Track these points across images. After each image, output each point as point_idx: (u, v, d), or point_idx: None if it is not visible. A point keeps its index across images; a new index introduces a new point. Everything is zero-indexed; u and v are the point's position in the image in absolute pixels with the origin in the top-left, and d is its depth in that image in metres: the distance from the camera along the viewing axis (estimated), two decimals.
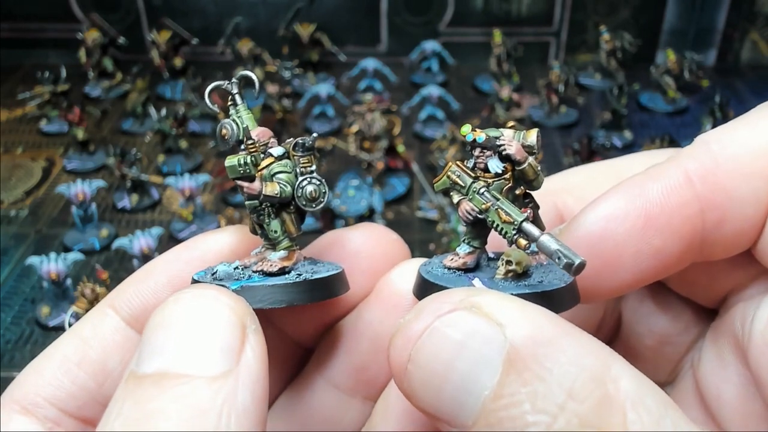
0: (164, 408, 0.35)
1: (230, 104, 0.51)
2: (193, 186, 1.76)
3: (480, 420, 0.36)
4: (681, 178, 0.47)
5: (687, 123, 2.24)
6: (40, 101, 2.14)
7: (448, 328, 0.38)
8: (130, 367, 0.39)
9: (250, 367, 0.38)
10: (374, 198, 1.83)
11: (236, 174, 0.48)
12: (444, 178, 0.48)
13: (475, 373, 0.36)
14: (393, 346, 0.40)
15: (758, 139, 0.47)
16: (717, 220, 0.47)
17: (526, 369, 0.36)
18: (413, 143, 2.12)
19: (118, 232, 1.77)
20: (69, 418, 0.47)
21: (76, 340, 0.49)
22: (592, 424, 0.34)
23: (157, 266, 0.51)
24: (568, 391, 0.35)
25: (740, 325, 0.49)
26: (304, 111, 2.24)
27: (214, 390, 0.36)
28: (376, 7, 2.50)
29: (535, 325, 0.37)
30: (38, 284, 1.59)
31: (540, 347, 0.36)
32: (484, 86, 2.41)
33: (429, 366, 0.38)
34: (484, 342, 0.37)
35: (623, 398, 0.35)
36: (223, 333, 0.38)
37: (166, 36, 2.41)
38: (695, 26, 2.53)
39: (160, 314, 0.40)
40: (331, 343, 0.54)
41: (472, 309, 0.38)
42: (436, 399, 0.38)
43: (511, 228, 0.45)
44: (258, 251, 0.51)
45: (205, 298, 0.40)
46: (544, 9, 2.50)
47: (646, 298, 0.58)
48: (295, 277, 0.48)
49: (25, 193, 1.96)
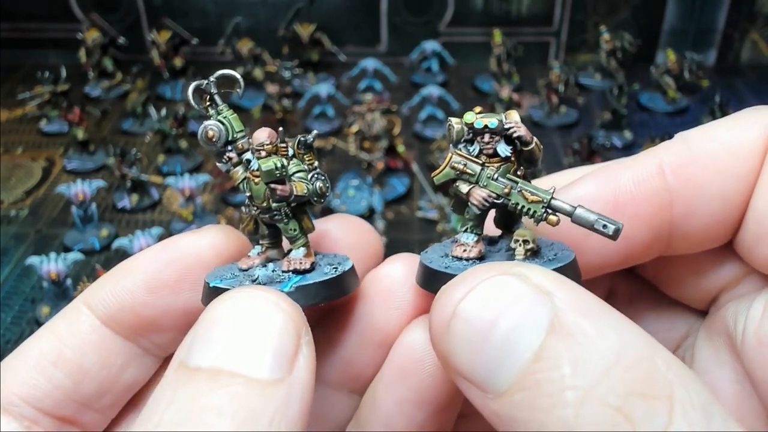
0: (219, 405, 0.35)
1: (209, 105, 0.50)
2: (193, 186, 1.76)
3: (517, 383, 0.35)
4: (653, 168, 0.49)
5: (687, 123, 2.24)
6: (40, 101, 2.15)
7: (496, 288, 0.38)
8: (179, 356, 0.39)
9: (302, 378, 0.38)
10: (374, 198, 1.83)
11: (273, 177, 0.47)
12: (446, 170, 0.47)
13: (518, 335, 0.36)
14: (437, 304, 0.40)
15: (734, 138, 0.48)
16: (685, 213, 0.48)
17: (570, 336, 0.35)
18: (413, 143, 2.12)
19: (118, 232, 1.77)
20: (46, 417, 0.47)
21: (51, 337, 0.48)
22: (636, 392, 0.33)
23: (134, 266, 0.50)
24: (613, 359, 0.34)
25: (733, 324, 0.50)
26: (304, 111, 2.24)
27: (268, 395, 0.36)
28: (376, 7, 2.50)
29: (583, 299, 0.37)
30: (38, 284, 1.59)
31: (586, 318, 0.36)
32: (484, 86, 2.41)
33: (473, 323, 0.38)
34: (532, 305, 0.37)
35: (672, 375, 0.34)
36: (280, 339, 0.38)
37: (166, 36, 2.42)
38: (695, 26, 2.53)
39: (218, 309, 0.40)
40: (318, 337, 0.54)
41: (521, 276, 0.38)
42: (474, 359, 0.38)
43: (539, 206, 0.45)
44: (259, 251, 0.51)
45: (266, 301, 0.40)
46: (544, 9, 2.50)
47: (635, 300, 0.58)
48: (333, 271, 0.48)
49: (25, 193, 1.96)
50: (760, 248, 0.47)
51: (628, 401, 0.33)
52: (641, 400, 0.33)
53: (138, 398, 0.53)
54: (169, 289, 0.49)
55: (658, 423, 0.32)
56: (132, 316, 0.49)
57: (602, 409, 0.33)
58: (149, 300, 0.49)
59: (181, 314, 0.50)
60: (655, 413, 0.33)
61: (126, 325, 0.49)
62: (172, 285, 0.49)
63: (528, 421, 0.35)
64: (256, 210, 0.50)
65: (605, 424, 0.33)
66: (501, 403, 0.36)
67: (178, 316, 0.50)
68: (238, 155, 0.50)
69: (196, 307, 0.50)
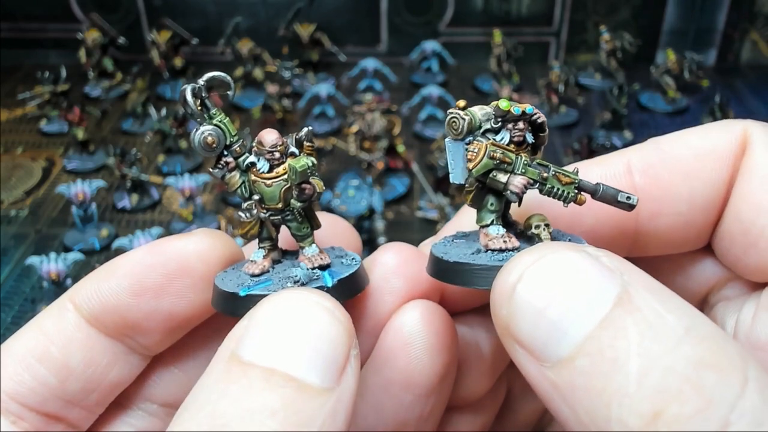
0: (273, 406, 0.35)
1: (200, 109, 0.48)
2: (193, 186, 1.76)
3: (579, 350, 0.35)
4: (622, 168, 0.50)
5: (687, 123, 2.24)
6: (40, 101, 2.15)
7: (566, 259, 0.38)
8: (230, 346, 0.39)
9: (350, 389, 0.38)
10: (374, 198, 1.83)
11: (305, 177, 0.47)
12: (485, 161, 0.46)
13: (585, 303, 0.36)
14: (504, 270, 0.40)
15: (704, 143, 0.49)
16: (651, 213, 0.50)
17: (638, 310, 0.35)
18: (413, 143, 2.12)
19: (118, 232, 1.77)
20: (31, 413, 0.47)
21: (38, 334, 0.48)
22: (707, 363, 0.33)
23: (120, 267, 0.50)
24: (682, 334, 0.34)
25: (722, 326, 0.50)
26: (304, 111, 2.24)
27: (319, 403, 0.36)
28: (376, 7, 2.50)
29: (651, 279, 0.38)
30: (38, 284, 1.59)
31: (656, 296, 0.36)
32: (484, 86, 2.41)
33: (540, 289, 0.38)
34: (601, 278, 0.37)
35: (744, 354, 0.34)
36: (335, 349, 0.39)
37: (166, 36, 2.42)
38: (695, 26, 2.53)
39: (277, 306, 0.40)
40: None
41: (591, 255, 0.38)
42: (536, 325, 0.37)
43: (572, 188, 0.46)
44: (263, 255, 0.50)
45: (322, 308, 0.40)
46: (544, 9, 2.50)
47: None
48: (353, 262, 0.49)
49: (25, 193, 1.96)
50: (747, 256, 0.48)
51: (699, 371, 0.33)
52: (713, 371, 0.33)
53: (124, 396, 0.53)
54: (153, 293, 0.49)
55: (729, 393, 0.32)
56: (116, 317, 0.49)
57: (668, 377, 0.33)
58: (132, 303, 0.49)
59: (166, 318, 0.49)
60: (726, 383, 0.32)
61: (110, 325, 0.49)
62: (155, 289, 0.49)
63: (587, 388, 0.34)
64: (266, 213, 0.49)
65: (668, 391, 0.32)
66: (559, 371, 0.36)
67: (162, 320, 0.49)
68: (235, 159, 0.49)
69: (180, 312, 0.49)
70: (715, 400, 0.32)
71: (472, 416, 0.58)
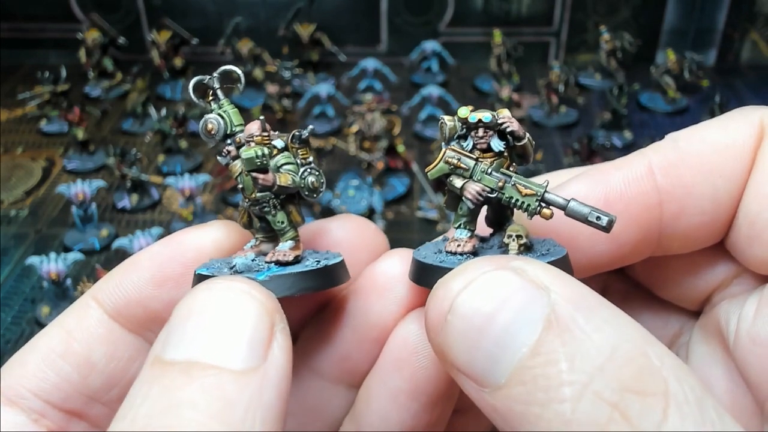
0: (192, 398, 0.35)
1: (212, 99, 0.51)
2: (193, 186, 1.76)
3: (513, 377, 0.36)
4: (643, 169, 0.49)
5: (687, 123, 2.22)
6: (40, 101, 2.15)
7: (494, 283, 0.38)
8: (155, 351, 0.39)
9: (277, 365, 0.38)
10: (374, 198, 1.83)
11: (253, 166, 0.48)
12: (440, 165, 0.47)
13: (515, 330, 0.36)
14: (433, 297, 0.40)
15: (724, 138, 0.48)
16: (675, 213, 0.49)
17: (567, 331, 0.35)
18: (413, 143, 2.12)
19: (118, 232, 1.77)
20: (54, 410, 0.47)
21: (60, 331, 0.49)
22: (631, 389, 0.33)
23: (140, 261, 0.51)
24: (608, 354, 0.34)
25: (725, 323, 0.50)
26: (304, 111, 2.24)
27: (242, 385, 0.36)
28: (376, 7, 2.50)
29: (579, 292, 0.37)
30: (38, 284, 1.59)
31: (583, 313, 0.36)
32: (484, 86, 2.41)
33: (470, 317, 0.38)
34: (528, 300, 0.37)
35: (667, 371, 0.34)
36: (253, 328, 0.38)
37: (166, 36, 2.42)
38: (695, 26, 2.53)
39: (190, 302, 0.40)
40: (315, 332, 0.55)
41: (517, 271, 0.38)
42: (471, 353, 0.38)
43: (533, 200, 0.46)
44: (253, 244, 0.52)
45: (238, 291, 0.40)
46: (544, 9, 2.50)
47: (629, 297, 0.58)
48: (315, 264, 0.48)
49: (25, 193, 1.96)
50: (752, 248, 0.47)
51: (624, 397, 0.33)
52: (636, 397, 0.33)
53: None
54: (174, 282, 0.50)
55: (653, 419, 0.33)
56: (139, 310, 0.49)
57: (598, 404, 0.33)
58: (155, 293, 0.49)
59: None
60: (650, 409, 0.33)
61: (133, 318, 0.50)
62: (176, 278, 0.50)
63: (525, 415, 0.35)
64: (247, 202, 0.50)
65: (601, 419, 0.33)
66: (498, 397, 0.36)
67: None
68: (237, 149, 0.50)
69: None
70: (643, 427, 0.32)
71: (476, 417, 0.58)
